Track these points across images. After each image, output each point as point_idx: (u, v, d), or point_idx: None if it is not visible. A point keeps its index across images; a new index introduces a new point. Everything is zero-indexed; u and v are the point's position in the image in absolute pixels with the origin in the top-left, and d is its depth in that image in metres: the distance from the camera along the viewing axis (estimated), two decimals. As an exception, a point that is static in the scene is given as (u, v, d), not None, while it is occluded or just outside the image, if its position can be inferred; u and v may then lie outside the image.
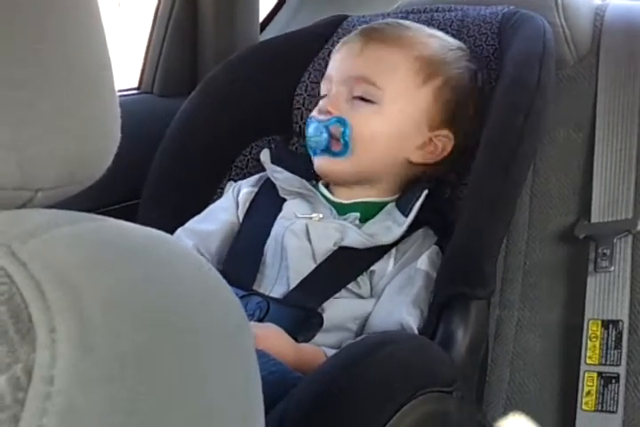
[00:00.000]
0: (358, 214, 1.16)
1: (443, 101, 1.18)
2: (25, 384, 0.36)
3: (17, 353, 0.37)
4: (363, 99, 1.15)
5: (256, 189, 1.24)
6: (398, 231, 1.12)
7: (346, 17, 1.41)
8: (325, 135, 1.15)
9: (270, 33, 1.69)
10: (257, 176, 1.27)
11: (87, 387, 0.37)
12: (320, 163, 1.18)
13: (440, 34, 1.24)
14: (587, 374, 1.18)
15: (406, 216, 1.12)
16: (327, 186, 1.22)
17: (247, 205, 1.23)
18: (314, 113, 1.20)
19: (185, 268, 0.45)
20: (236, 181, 1.31)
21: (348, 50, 1.20)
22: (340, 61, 1.21)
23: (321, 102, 1.19)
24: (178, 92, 1.52)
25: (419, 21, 1.34)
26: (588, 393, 1.17)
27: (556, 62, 1.22)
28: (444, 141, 1.19)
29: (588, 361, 1.18)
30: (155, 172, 1.31)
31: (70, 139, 0.48)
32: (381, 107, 1.15)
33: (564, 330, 1.25)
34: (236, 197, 1.24)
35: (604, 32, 1.37)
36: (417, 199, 1.13)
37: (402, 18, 1.36)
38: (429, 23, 1.34)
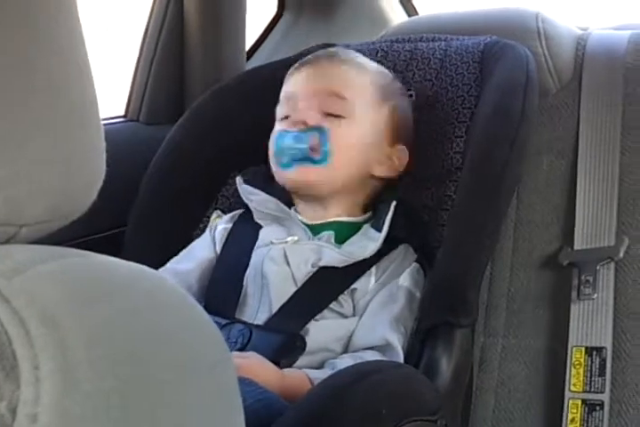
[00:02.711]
0: (332, 233, 1.18)
1: (398, 119, 1.24)
2: (9, 422, 0.36)
3: (1, 390, 0.37)
4: (332, 114, 1.19)
5: (231, 225, 1.25)
6: (374, 246, 1.13)
7: (332, 46, 1.42)
8: (306, 145, 1.17)
9: (257, 61, 1.69)
10: (231, 214, 1.28)
11: (71, 424, 0.37)
12: (298, 173, 1.18)
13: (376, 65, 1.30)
14: (571, 402, 1.18)
15: (380, 231, 1.14)
16: (297, 210, 1.23)
17: (224, 240, 1.23)
18: (284, 127, 1.20)
19: (168, 303, 0.46)
20: (222, 210, 1.31)
21: (312, 68, 1.24)
22: (305, 79, 1.23)
23: (293, 115, 1.20)
24: (164, 121, 1.52)
25: (403, 51, 1.36)
26: (573, 420, 1.17)
27: (538, 91, 1.24)
28: (401, 156, 1.24)
29: (572, 388, 1.18)
30: (141, 200, 1.32)
31: (55, 174, 0.48)
32: (352, 120, 1.19)
33: (548, 357, 1.25)
34: (213, 235, 1.25)
35: (586, 61, 1.38)
36: (386, 214, 1.15)
37: (386, 47, 1.38)
38: (413, 52, 1.35)
